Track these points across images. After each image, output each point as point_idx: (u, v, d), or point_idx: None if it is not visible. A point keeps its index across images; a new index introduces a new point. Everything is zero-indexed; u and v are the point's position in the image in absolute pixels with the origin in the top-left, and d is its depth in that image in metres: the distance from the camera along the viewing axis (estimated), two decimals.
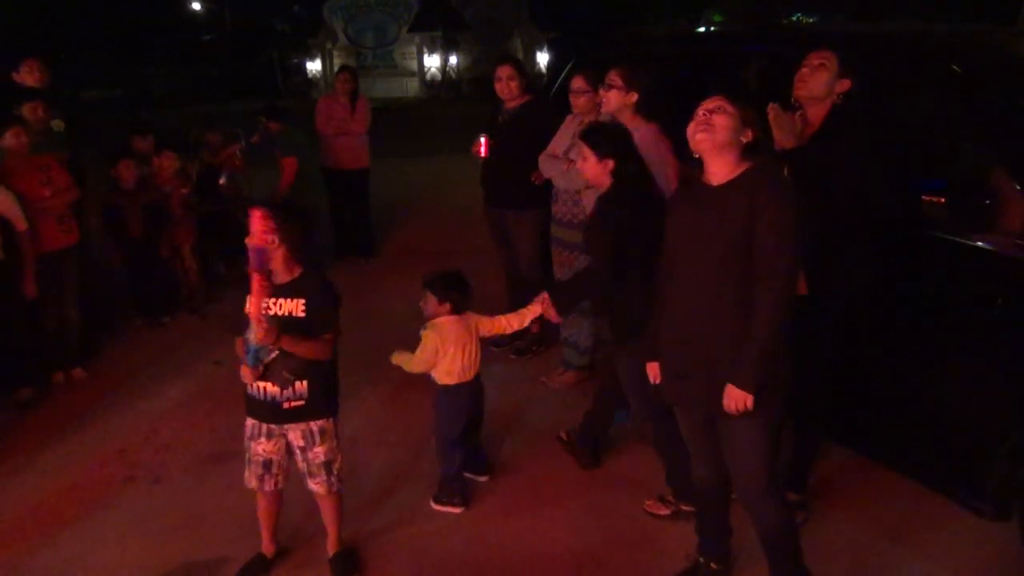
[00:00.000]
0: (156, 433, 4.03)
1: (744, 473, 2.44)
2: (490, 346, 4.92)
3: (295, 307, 2.62)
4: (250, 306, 2.52)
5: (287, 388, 2.66)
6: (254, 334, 2.53)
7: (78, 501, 3.43)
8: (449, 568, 2.97)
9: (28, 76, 5.07)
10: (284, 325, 2.58)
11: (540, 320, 4.87)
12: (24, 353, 4.36)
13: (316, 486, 2.83)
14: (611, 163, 2.90)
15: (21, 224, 4.11)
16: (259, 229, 2.52)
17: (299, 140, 6.37)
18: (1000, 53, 3.45)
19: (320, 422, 2.76)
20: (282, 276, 2.63)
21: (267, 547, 2.96)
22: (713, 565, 2.75)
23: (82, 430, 4.05)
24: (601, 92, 3.51)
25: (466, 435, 3.29)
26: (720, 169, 2.29)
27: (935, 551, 2.93)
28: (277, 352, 2.62)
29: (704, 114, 2.27)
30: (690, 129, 2.30)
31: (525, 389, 4.38)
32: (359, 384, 4.29)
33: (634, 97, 3.42)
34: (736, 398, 2.26)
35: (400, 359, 3.22)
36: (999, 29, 5.68)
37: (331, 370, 2.78)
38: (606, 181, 2.94)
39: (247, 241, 2.54)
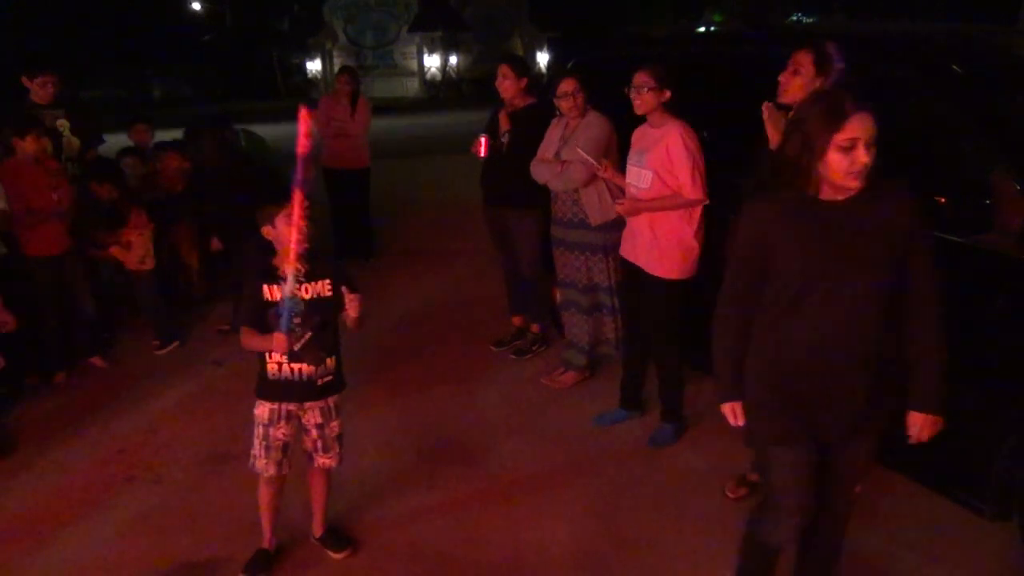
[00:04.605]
0: (156, 433, 4.03)
1: (846, 504, 2.34)
2: (490, 346, 4.94)
3: (322, 288, 2.71)
4: (293, 223, 2.49)
5: (321, 365, 2.76)
6: (289, 280, 2.56)
7: (78, 501, 3.43)
8: (449, 568, 2.96)
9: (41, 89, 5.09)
10: (314, 306, 2.67)
11: (540, 321, 4.91)
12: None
13: (329, 460, 2.91)
14: None
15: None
16: (304, 130, 2.44)
17: (256, 141, 6.30)
18: (1000, 53, 3.44)
19: (336, 396, 2.88)
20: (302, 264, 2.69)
21: (270, 541, 2.98)
22: None
23: (82, 430, 4.05)
24: (632, 95, 3.45)
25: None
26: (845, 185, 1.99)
27: (935, 551, 2.93)
28: (309, 335, 2.69)
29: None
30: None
31: (525, 390, 4.38)
32: (359, 384, 4.27)
33: (667, 94, 3.39)
34: (923, 424, 2.14)
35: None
36: (999, 29, 5.68)
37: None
38: None
39: (298, 151, 2.42)
